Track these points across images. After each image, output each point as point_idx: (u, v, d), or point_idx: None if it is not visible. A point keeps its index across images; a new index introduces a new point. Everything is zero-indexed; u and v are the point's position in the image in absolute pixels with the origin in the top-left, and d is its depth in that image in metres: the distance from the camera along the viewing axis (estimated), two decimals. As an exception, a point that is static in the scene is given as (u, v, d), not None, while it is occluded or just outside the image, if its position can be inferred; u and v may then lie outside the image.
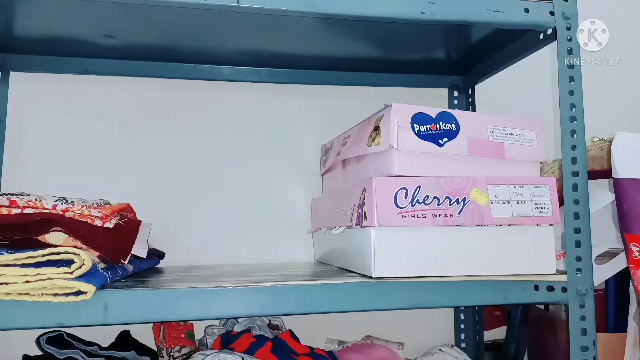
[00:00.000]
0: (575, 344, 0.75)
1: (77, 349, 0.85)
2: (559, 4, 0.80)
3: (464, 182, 0.74)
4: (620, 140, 0.82)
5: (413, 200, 0.72)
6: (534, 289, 0.75)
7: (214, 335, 0.96)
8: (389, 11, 0.75)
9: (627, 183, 0.81)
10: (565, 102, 0.78)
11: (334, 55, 1.05)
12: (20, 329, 0.61)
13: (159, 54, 1.03)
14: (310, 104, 1.17)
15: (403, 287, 0.71)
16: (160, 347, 0.97)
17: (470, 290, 0.73)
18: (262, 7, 0.72)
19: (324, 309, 0.69)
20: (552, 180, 0.78)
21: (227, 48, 1.01)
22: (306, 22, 0.86)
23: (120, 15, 0.84)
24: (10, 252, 0.61)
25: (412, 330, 1.15)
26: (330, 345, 1.10)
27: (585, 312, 0.76)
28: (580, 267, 0.76)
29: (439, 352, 1.04)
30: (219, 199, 1.11)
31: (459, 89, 1.19)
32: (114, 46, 0.98)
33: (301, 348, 0.89)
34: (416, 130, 0.74)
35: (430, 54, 1.06)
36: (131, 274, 0.80)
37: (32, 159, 1.05)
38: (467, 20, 0.77)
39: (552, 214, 0.77)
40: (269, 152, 1.14)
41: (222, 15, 0.82)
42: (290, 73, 1.13)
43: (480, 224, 0.74)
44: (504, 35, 0.90)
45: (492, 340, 1.18)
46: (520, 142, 0.79)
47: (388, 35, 0.94)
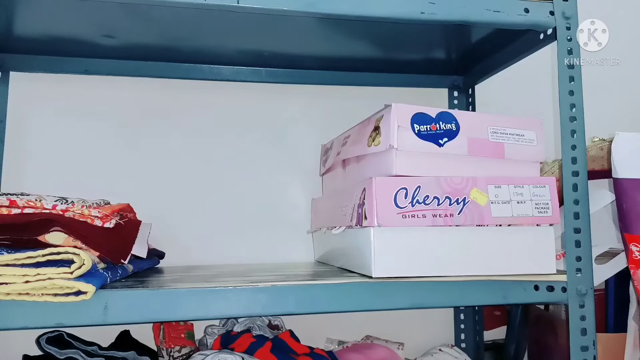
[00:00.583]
0: (575, 344, 0.75)
1: (77, 349, 0.85)
2: (559, 4, 0.80)
3: (464, 182, 0.74)
4: (620, 140, 0.82)
5: (413, 200, 0.72)
6: (534, 289, 0.75)
7: (214, 335, 0.96)
8: (389, 11, 0.75)
9: (627, 183, 0.81)
10: (565, 102, 0.78)
11: (334, 55, 1.05)
12: (20, 329, 0.61)
13: (159, 54, 1.03)
14: (310, 104, 1.17)
15: (403, 287, 0.71)
16: (160, 347, 0.97)
17: (470, 290, 0.73)
18: (262, 7, 0.72)
19: (324, 309, 0.69)
20: (552, 180, 0.78)
21: (227, 48, 1.01)
22: (306, 22, 0.86)
23: (120, 15, 0.84)
24: (10, 252, 0.61)
25: (412, 330, 1.15)
26: (330, 345, 1.10)
27: (585, 312, 0.76)
28: (580, 267, 0.76)
29: (439, 352, 1.04)
30: (219, 199, 1.11)
31: (459, 89, 1.20)
32: (114, 46, 0.98)
33: (301, 348, 0.89)
34: (416, 130, 0.74)
35: (430, 54, 1.06)
36: (131, 274, 0.80)
37: (32, 159, 1.05)
38: (467, 20, 0.77)
39: (552, 214, 0.77)
40: (269, 152, 1.15)
41: (222, 15, 0.82)
42: (290, 73, 1.13)
43: (480, 224, 0.74)
44: (504, 35, 0.90)
45: (492, 340, 1.18)
46: (520, 142, 0.79)
47: (388, 35, 0.94)
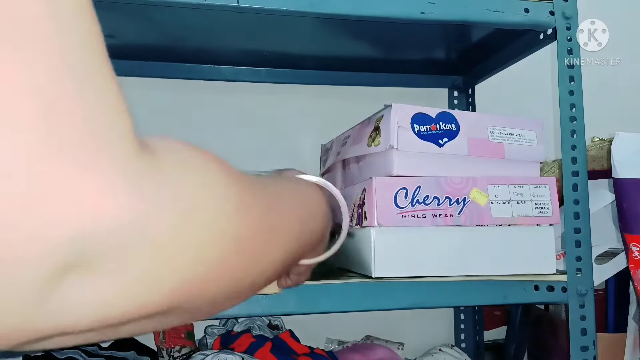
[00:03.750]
0: (575, 344, 0.75)
1: (77, 348, 0.85)
2: (559, 4, 0.80)
3: (464, 182, 0.74)
4: (620, 140, 0.82)
5: (413, 200, 0.72)
6: (534, 289, 0.75)
7: (214, 335, 0.96)
8: (389, 11, 0.75)
9: (627, 183, 0.81)
10: (565, 102, 0.78)
11: (334, 55, 1.05)
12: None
13: (159, 54, 1.03)
14: (310, 104, 1.17)
15: (403, 287, 0.71)
16: (160, 347, 0.97)
17: (470, 290, 0.73)
18: (262, 7, 0.72)
19: (324, 309, 0.69)
20: (552, 180, 0.78)
21: (227, 48, 1.01)
22: (306, 22, 0.86)
23: (120, 15, 0.84)
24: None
25: (412, 330, 1.15)
26: (330, 345, 1.10)
27: (585, 312, 0.75)
28: (580, 267, 0.76)
29: (439, 352, 1.04)
30: (219, 199, 1.11)
31: (459, 89, 1.19)
32: (114, 46, 0.97)
33: (301, 348, 0.89)
34: (416, 131, 0.74)
35: (430, 54, 1.06)
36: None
37: (32, 159, 1.05)
38: (467, 20, 0.77)
39: (552, 214, 0.77)
40: (269, 152, 1.14)
41: (222, 15, 0.82)
42: (290, 73, 1.13)
43: (480, 224, 0.74)
44: (504, 35, 0.90)
45: (492, 340, 1.18)
46: (520, 142, 0.79)
47: (388, 35, 0.94)
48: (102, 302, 0.24)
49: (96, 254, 0.23)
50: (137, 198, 0.24)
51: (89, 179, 0.22)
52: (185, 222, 0.26)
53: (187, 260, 0.26)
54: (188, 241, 0.26)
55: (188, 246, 0.26)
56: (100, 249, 0.23)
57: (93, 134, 0.23)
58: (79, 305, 0.23)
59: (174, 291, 0.26)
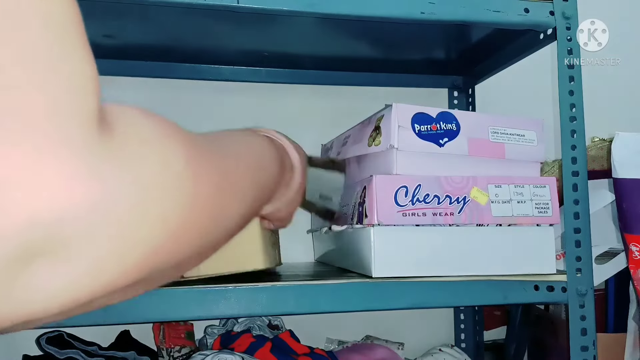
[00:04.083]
0: (575, 344, 0.75)
1: (77, 348, 0.85)
2: (559, 4, 0.80)
3: (465, 181, 0.74)
4: (620, 140, 0.82)
5: (413, 199, 0.72)
6: (534, 289, 0.75)
7: (214, 335, 0.96)
8: (389, 11, 0.75)
9: (627, 183, 0.81)
10: (565, 102, 0.78)
11: (334, 55, 1.05)
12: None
13: (159, 54, 1.03)
14: (310, 104, 1.17)
15: (403, 287, 0.71)
16: (160, 347, 0.97)
17: (470, 290, 0.73)
18: (262, 7, 0.72)
19: (324, 309, 0.69)
20: (552, 180, 0.78)
21: (227, 48, 1.01)
22: (306, 22, 0.86)
23: (120, 15, 0.84)
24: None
25: (412, 330, 1.15)
26: (330, 345, 1.10)
27: (585, 312, 0.75)
28: (580, 267, 0.76)
29: (439, 352, 1.04)
30: (219, 199, 1.11)
31: (459, 89, 1.19)
32: (114, 46, 0.97)
33: (301, 348, 0.89)
34: (416, 130, 0.74)
35: (430, 54, 1.06)
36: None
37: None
38: (467, 20, 0.77)
39: (552, 214, 0.77)
40: (269, 152, 1.14)
41: (222, 15, 0.82)
42: (290, 73, 1.13)
43: (481, 223, 0.74)
44: (504, 35, 0.90)
45: (492, 340, 1.18)
46: (520, 142, 0.79)
47: (388, 35, 0.94)
48: (70, 287, 0.24)
49: (60, 241, 0.23)
50: (97, 183, 0.24)
51: (47, 165, 0.22)
52: (145, 200, 0.26)
53: (149, 234, 0.27)
54: (149, 217, 0.27)
55: (149, 221, 0.27)
56: (63, 236, 0.23)
57: (52, 119, 0.22)
58: (47, 291, 0.23)
59: (139, 264, 0.27)
